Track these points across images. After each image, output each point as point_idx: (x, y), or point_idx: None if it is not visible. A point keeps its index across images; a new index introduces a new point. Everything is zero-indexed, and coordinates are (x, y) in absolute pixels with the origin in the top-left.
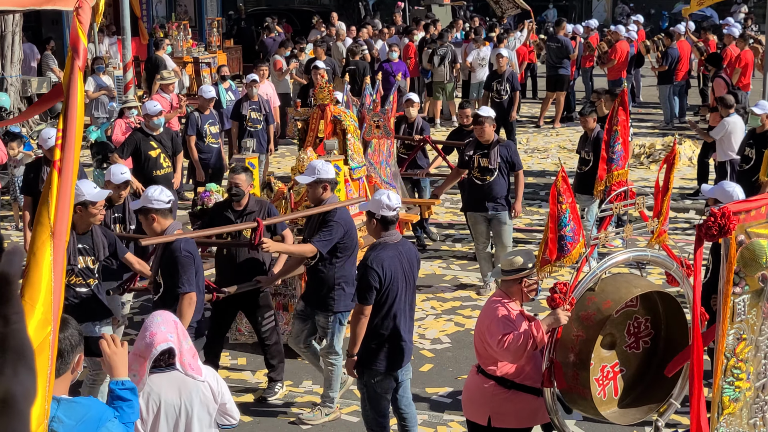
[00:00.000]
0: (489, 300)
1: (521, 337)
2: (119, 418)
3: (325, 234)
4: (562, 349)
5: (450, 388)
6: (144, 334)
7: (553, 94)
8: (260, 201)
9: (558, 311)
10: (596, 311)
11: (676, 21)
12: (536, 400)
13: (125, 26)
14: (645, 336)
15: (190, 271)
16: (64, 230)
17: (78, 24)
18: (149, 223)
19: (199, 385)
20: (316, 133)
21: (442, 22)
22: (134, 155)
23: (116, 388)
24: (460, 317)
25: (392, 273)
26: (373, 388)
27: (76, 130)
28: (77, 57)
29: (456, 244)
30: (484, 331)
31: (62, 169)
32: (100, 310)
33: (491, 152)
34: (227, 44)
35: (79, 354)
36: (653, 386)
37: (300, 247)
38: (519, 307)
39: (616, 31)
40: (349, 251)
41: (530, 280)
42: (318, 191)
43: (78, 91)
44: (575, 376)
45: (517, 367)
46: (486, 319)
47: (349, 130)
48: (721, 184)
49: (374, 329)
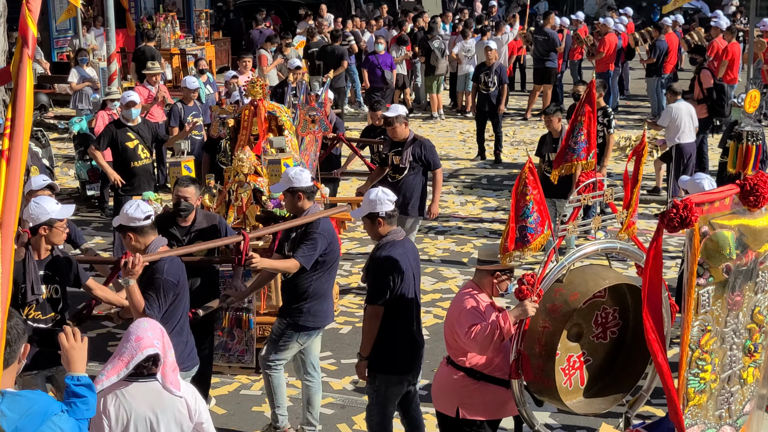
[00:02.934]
0: (460, 291)
1: (488, 328)
2: (71, 414)
3: (309, 248)
4: (529, 341)
5: (427, 380)
6: (128, 337)
7: (540, 86)
8: (209, 215)
9: (525, 303)
10: (563, 303)
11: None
12: (505, 392)
13: (109, 17)
14: (613, 326)
15: (163, 298)
16: (12, 221)
17: (27, 12)
18: (128, 242)
19: (175, 400)
20: (249, 131)
21: (432, 13)
22: (112, 146)
23: (71, 383)
24: (440, 309)
25: (404, 272)
26: (385, 394)
27: (24, 119)
28: (26, 46)
29: (438, 236)
30: (454, 323)
31: (10, 159)
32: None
33: (405, 151)
34: (215, 36)
35: (24, 344)
36: (620, 376)
37: (285, 263)
38: (489, 299)
39: (605, 23)
40: (329, 265)
41: (503, 274)
42: (295, 201)
43: (27, 80)
44: (540, 366)
45: (487, 359)
46: (455, 311)
47: (285, 126)
48: (694, 176)
49: (388, 331)
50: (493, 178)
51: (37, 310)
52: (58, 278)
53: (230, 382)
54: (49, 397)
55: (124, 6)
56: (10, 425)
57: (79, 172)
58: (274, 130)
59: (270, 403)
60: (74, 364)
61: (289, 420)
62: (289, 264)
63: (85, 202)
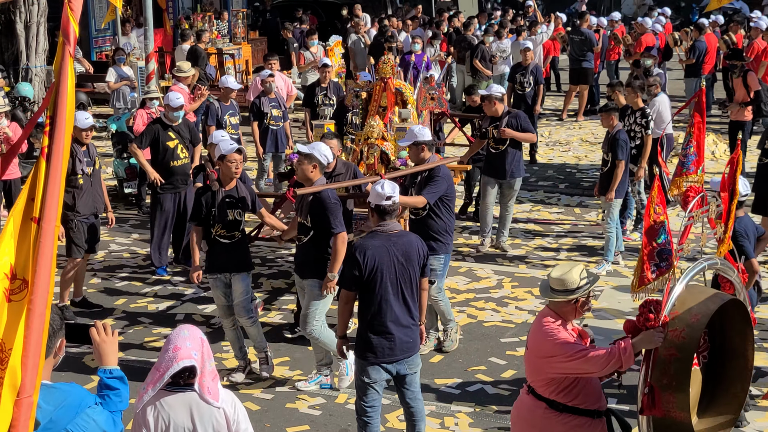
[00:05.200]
0: (541, 322)
1: (604, 356)
2: (105, 406)
3: (433, 187)
4: (657, 372)
5: (459, 379)
6: (167, 347)
7: (576, 87)
8: (347, 164)
9: (652, 332)
10: (685, 327)
11: (705, 14)
12: (587, 423)
13: (148, 17)
14: (704, 351)
15: (339, 215)
16: (53, 217)
17: (69, 11)
18: (307, 171)
19: (213, 411)
20: (379, 103)
21: (468, 12)
22: (152, 146)
23: (104, 376)
24: (473, 309)
25: (376, 262)
26: (361, 377)
27: (66, 117)
28: (68, 43)
29: (473, 236)
30: (542, 354)
31: (50, 156)
32: (240, 260)
33: (502, 123)
34: (252, 36)
35: (61, 339)
36: (718, 401)
37: (414, 199)
38: (573, 326)
39: (642, 23)
40: (452, 201)
41: (584, 297)
42: (418, 151)
43: (69, 78)
44: (671, 399)
45: (570, 390)
46: (544, 343)
47: (409, 101)
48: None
49: (362, 318)
50: (527, 178)
51: (222, 229)
52: (239, 205)
53: (264, 379)
54: (83, 390)
55: (161, 5)
56: (45, 416)
57: (117, 169)
58: (399, 103)
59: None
60: (106, 357)
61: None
62: (418, 200)
63: (122, 199)
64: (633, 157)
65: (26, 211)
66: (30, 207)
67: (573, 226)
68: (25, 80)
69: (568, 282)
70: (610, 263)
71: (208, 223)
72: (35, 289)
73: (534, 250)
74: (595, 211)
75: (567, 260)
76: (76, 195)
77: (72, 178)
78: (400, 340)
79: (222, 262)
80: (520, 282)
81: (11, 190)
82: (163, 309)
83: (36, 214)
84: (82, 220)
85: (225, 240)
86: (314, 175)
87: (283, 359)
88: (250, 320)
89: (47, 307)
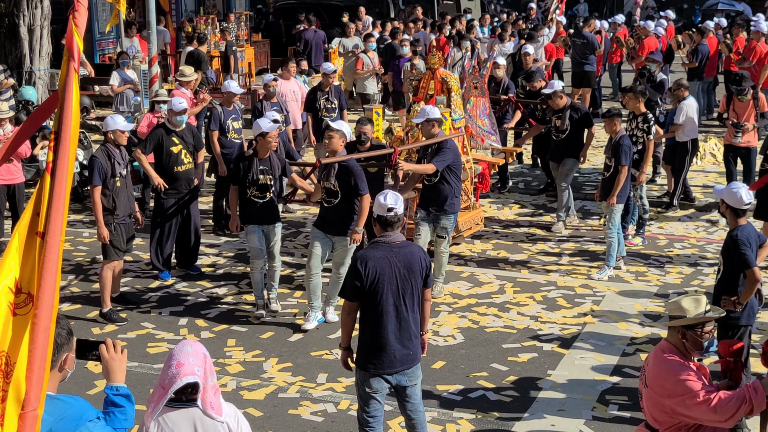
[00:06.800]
0: (664, 359)
1: (732, 399)
2: (109, 423)
3: (441, 156)
4: None
5: (461, 385)
6: (170, 363)
7: (578, 90)
8: (379, 145)
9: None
10: None
11: (708, 16)
12: None
13: (150, 21)
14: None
15: (364, 179)
16: (58, 232)
17: (74, 27)
18: (335, 143)
19: (217, 425)
20: (427, 90)
21: (474, 15)
22: (156, 151)
23: (110, 393)
24: (475, 314)
25: (377, 273)
26: (361, 387)
27: (71, 133)
28: (72, 59)
29: (475, 240)
30: (667, 395)
31: (55, 171)
32: (271, 215)
33: (564, 116)
34: (255, 38)
35: (67, 353)
36: None
37: (424, 166)
38: (694, 361)
39: (645, 26)
40: (459, 169)
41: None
42: (429, 127)
43: (73, 93)
44: None
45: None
46: (668, 383)
47: (453, 89)
48: (730, 185)
49: (362, 329)
50: (530, 182)
51: (256, 191)
52: (271, 171)
53: (267, 385)
54: (85, 403)
55: (164, 8)
56: (45, 427)
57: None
58: (445, 91)
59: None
60: (113, 375)
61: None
62: (428, 167)
63: None
64: (635, 162)
65: (31, 226)
66: (35, 221)
67: (575, 230)
68: (29, 83)
69: (692, 307)
70: (612, 268)
71: (245, 185)
72: (40, 303)
73: (536, 255)
74: (597, 215)
75: (569, 265)
76: (116, 197)
77: (111, 181)
78: (400, 351)
79: (256, 216)
80: (522, 287)
81: (15, 194)
82: (166, 314)
83: (41, 228)
84: (121, 221)
85: (257, 199)
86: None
87: (285, 365)
88: (279, 264)
89: (52, 321)
